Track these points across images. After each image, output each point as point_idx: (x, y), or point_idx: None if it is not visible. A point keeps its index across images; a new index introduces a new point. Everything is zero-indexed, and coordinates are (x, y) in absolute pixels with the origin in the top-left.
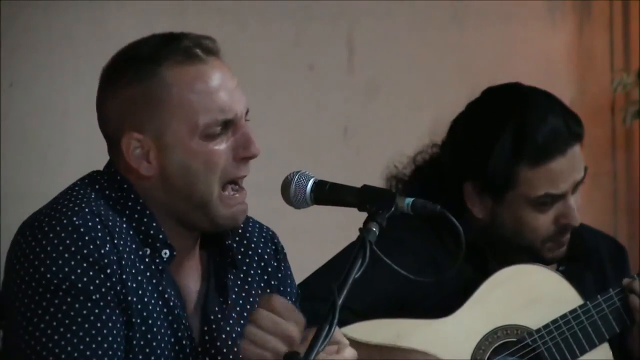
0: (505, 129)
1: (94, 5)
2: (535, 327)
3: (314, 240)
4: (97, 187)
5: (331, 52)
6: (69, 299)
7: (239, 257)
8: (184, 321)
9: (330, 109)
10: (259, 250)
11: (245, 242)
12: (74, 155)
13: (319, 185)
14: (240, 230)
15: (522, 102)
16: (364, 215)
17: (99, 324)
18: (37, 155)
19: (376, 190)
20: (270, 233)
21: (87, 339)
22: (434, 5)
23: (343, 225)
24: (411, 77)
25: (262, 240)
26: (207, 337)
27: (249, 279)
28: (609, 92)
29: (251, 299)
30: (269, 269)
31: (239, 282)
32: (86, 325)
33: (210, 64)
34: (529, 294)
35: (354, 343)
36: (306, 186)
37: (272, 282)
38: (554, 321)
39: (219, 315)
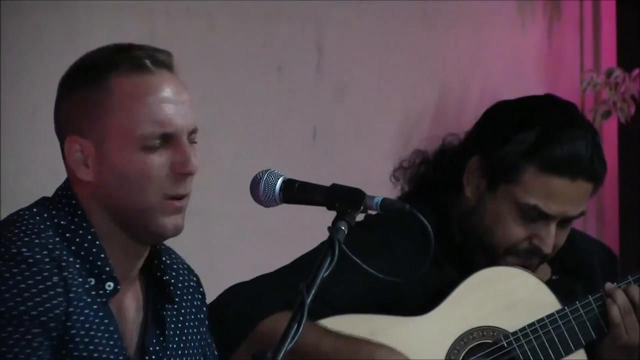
0: (535, 125)
1: (63, 6)
2: (512, 330)
3: (284, 240)
4: (45, 215)
5: (300, 53)
6: (4, 324)
7: (175, 290)
8: (125, 353)
9: (299, 110)
10: (186, 283)
11: (175, 274)
12: (43, 155)
13: (288, 184)
14: (170, 263)
15: (565, 114)
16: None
17: (28, 350)
18: (6, 155)
19: (345, 190)
20: (187, 265)
21: None
22: (403, 6)
23: (314, 226)
24: (380, 78)
25: (186, 272)
26: None
27: (182, 311)
28: (579, 92)
29: (185, 331)
30: (196, 303)
31: (172, 314)
32: (16, 350)
33: (159, 76)
34: (507, 297)
35: (323, 331)
36: (275, 185)
37: (199, 315)
38: (531, 324)
39: (157, 348)
